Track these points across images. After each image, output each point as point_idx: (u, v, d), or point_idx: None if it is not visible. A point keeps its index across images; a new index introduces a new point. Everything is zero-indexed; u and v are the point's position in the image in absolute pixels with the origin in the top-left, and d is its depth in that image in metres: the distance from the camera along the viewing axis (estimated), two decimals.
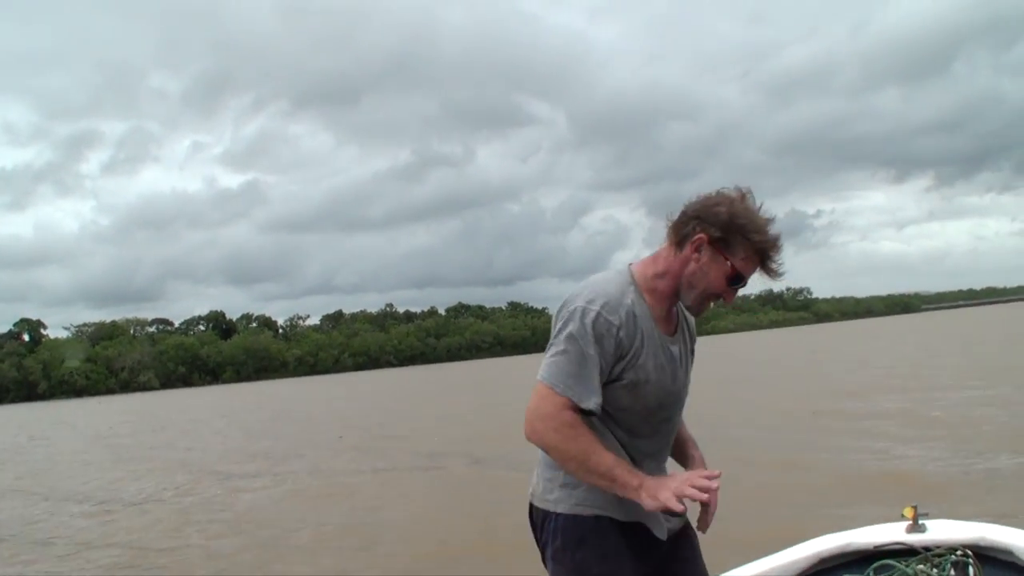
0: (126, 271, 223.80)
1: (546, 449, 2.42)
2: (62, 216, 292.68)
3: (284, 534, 10.17)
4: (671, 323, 2.53)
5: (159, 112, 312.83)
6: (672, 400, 2.53)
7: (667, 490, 2.29)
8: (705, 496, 2.31)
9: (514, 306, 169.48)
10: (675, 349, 2.51)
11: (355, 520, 10.69)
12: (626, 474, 2.34)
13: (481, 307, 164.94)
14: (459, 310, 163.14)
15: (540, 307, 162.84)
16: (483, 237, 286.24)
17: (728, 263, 2.37)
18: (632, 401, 2.43)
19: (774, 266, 2.40)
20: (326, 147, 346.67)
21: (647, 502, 2.30)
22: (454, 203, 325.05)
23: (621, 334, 2.35)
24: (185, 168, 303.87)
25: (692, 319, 2.65)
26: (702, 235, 2.37)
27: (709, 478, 2.31)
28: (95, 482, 16.71)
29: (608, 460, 2.33)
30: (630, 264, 2.53)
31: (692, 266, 2.40)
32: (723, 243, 2.36)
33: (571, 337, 2.35)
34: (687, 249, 2.39)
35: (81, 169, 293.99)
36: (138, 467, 18.76)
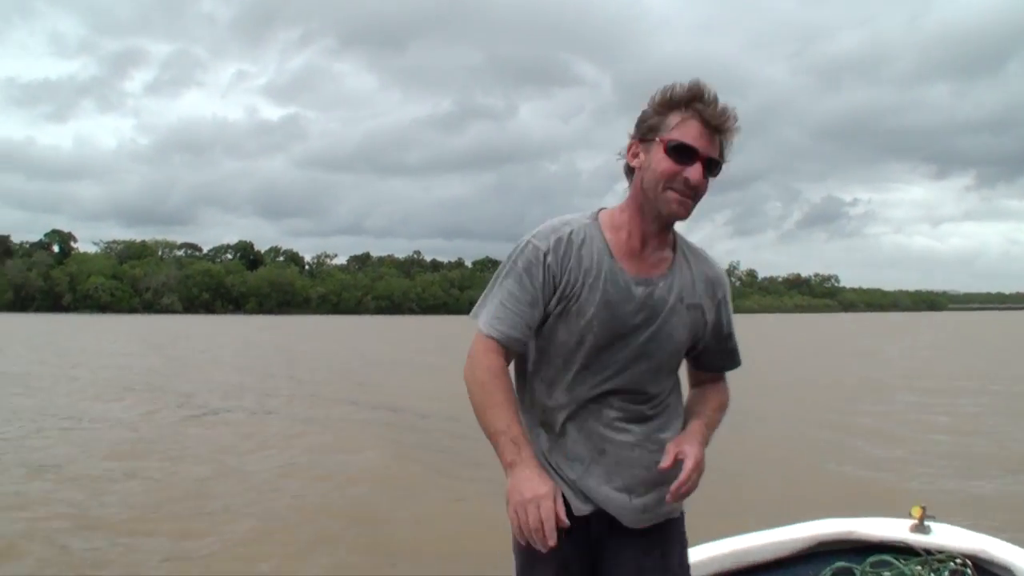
0: (160, 192, 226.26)
1: (467, 390, 2.19)
2: (102, 132, 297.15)
3: (231, 470, 9.91)
4: (649, 263, 2.22)
5: (206, 37, 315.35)
6: (624, 344, 2.19)
7: (517, 498, 2.01)
8: (518, 532, 2.01)
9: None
10: (640, 290, 2.18)
11: (311, 463, 10.44)
12: (507, 445, 2.06)
13: None
14: (486, 264, 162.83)
15: None
16: (517, 193, 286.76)
17: (661, 141, 2.12)
18: (567, 335, 2.19)
19: (708, 108, 2.10)
20: (369, 88, 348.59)
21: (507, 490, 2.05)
22: (491, 157, 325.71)
23: (549, 259, 2.16)
24: (227, 96, 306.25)
25: (712, 273, 2.31)
26: (632, 141, 2.20)
27: (542, 517, 1.97)
28: (66, 399, 16.59)
29: (499, 423, 2.08)
30: (602, 208, 2.31)
31: (639, 174, 2.17)
32: (651, 131, 2.14)
33: (503, 271, 2.22)
34: (631, 164, 2.20)
35: (125, 87, 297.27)
36: (116, 389, 18.55)
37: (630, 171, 2.20)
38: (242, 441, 12.03)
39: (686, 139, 2.09)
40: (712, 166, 2.13)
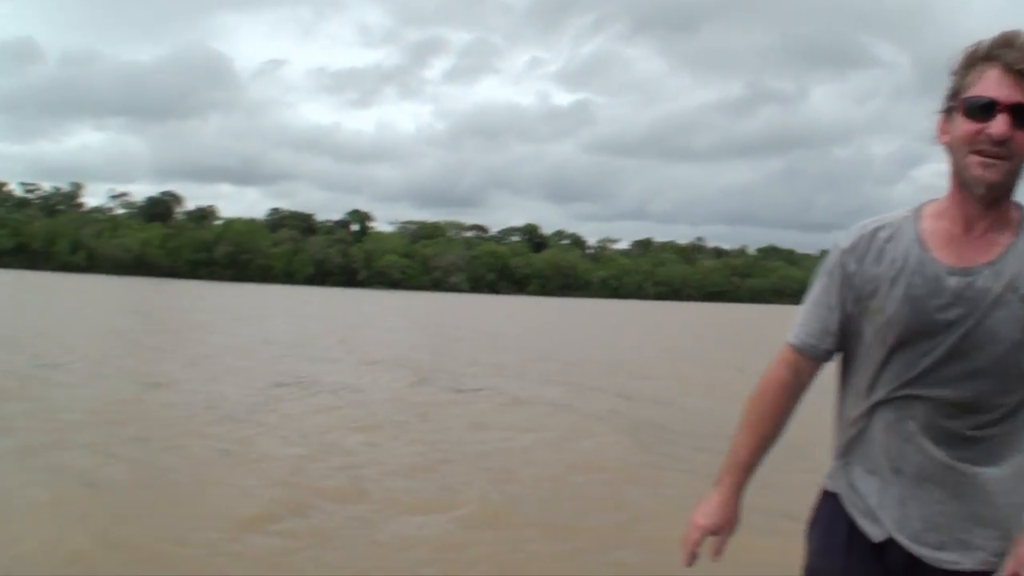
0: (453, 175, 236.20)
1: None
2: (402, 117, 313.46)
3: (478, 448, 9.50)
4: (974, 250, 1.90)
5: (503, 25, 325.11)
6: (931, 344, 1.89)
7: (694, 518, 2.13)
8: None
9: (826, 254, 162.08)
10: (955, 280, 1.88)
11: (557, 447, 9.78)
12: (722, 466, 2.14)
13: (792, 251, 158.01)
14: (769, 252, 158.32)
15: None
16: (805, 180, 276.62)
17: (959, 104, 1.87)
18: (872, 336, 2.00)
19: (1012, 52, 1.79)
20: (659, 73, 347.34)
21: None
22: (780, 142, 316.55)
23: (847, 258, 2.03)
24: (521, 82, 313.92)
25: None
26: (940, 118, 1.95)
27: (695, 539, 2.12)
28: (337, 367, 16.80)
29: (735, 442, 2.11)
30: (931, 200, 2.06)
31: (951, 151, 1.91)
32: (952, 98, 1.90)
33: (816, 276, 2.14)
34: (943, 143, 1.93)
35: (425, 74, 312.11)
36: (385, 362, 18.49)
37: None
38: (495, 419, 11.74)
39: (982, 92, 1.81)
40: None
